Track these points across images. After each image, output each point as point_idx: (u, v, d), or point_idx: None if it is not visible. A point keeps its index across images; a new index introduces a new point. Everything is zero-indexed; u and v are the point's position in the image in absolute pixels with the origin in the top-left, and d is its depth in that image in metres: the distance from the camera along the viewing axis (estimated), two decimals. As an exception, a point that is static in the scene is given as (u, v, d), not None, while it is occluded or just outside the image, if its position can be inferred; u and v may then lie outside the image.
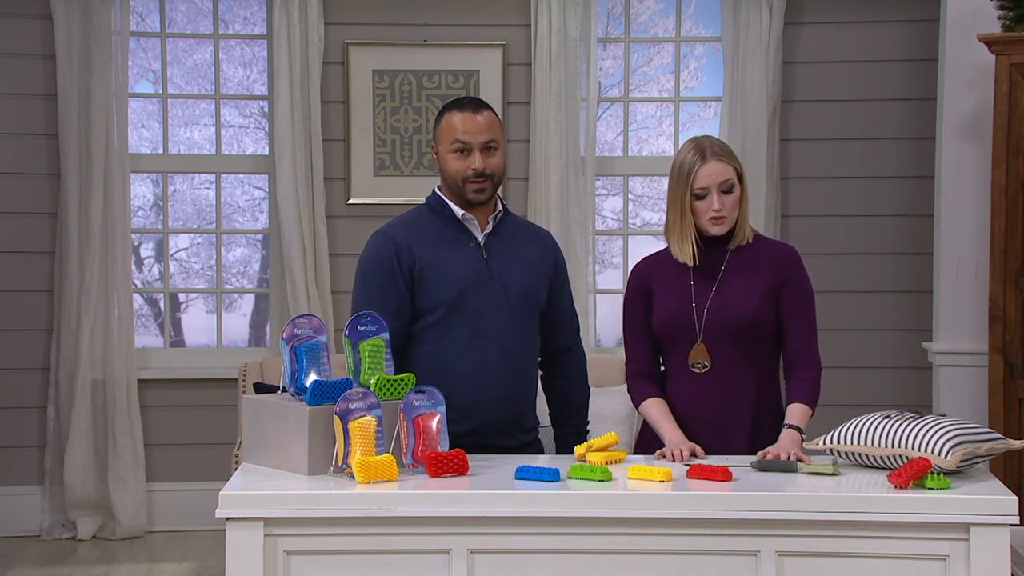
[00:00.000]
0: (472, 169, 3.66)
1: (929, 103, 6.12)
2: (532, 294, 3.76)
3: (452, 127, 3.67)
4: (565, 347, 3.91)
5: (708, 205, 3.59)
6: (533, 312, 3.78)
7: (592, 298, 6.33)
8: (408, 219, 3.79)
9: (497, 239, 3.76)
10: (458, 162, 3.67)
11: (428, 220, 3.75)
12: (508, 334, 3.70)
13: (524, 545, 3.16)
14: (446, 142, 3.68)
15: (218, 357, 6.43)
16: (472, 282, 3.68)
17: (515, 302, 3.72)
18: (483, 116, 3.68)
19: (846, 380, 6.20)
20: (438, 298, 3.67)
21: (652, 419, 3.63)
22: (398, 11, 6.30)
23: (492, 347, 3.68)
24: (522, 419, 3.78)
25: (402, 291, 3.68)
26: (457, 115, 3.68)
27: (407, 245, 3.69)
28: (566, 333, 3.90)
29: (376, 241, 3.75)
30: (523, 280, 3.74)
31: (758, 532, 3.13)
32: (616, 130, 6.58)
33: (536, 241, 3.85)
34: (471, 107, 3.69)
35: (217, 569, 5.59)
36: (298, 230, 6.15)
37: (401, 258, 3.68)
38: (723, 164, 3.59)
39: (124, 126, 6.17)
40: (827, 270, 6.20)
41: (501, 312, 3.70)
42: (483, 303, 3.69)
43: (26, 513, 6.19)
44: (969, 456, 3.27)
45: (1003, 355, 5.22)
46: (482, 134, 3.67)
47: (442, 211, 3.75)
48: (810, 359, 3.65)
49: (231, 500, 3.15)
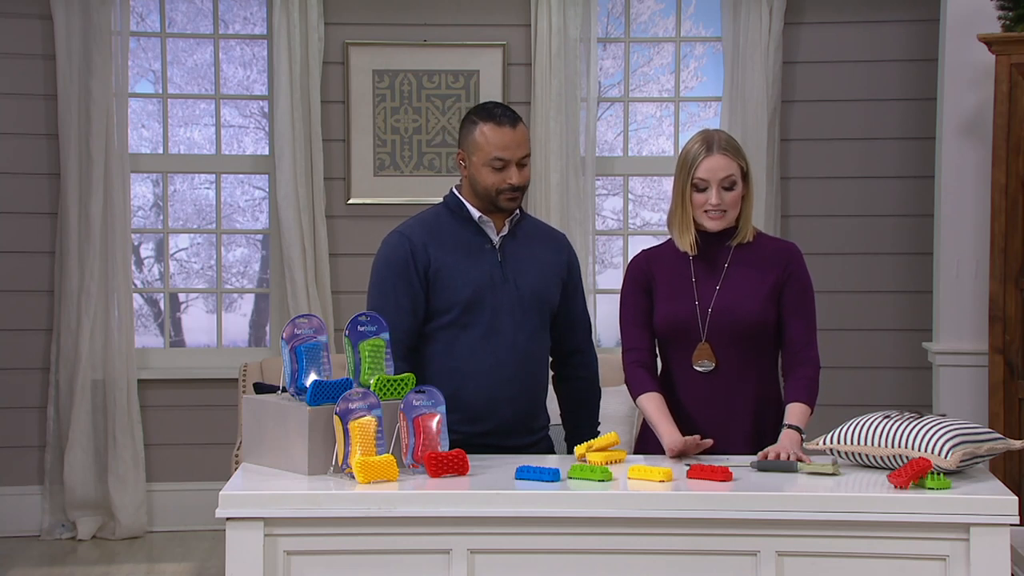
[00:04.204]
0: (509, 183, 3.67)
1: (929, 103, 6.12)
2: (545, 296, 3.77)
3: (490, 143, 3.65)
4: (577, 348, 3.92)
5: (706, 199, 3.59)
6: (545, 314, 3.79)
7: (592, 298, 6.33)
8: (425, 219, 3.79)
9: (513, 241, 3.77)
10: (494, 176, 3.67)
11: (445, 221, 3.76)
12: (521, 335, 3.71)
13: (524, 545, 3.16)
14: (482, 155, 3.66)
15: (218, 357, 6.42)
16: (486, 284, 3.69)
17: (528, 304, 3.73)
18: (519, 131, 3.68)
19: (846, 380, 6.20)
20: (452, 299, 3.68)
21: (649, 415, 3.62)
22: (398, 11, 6.29)
23: (505, 348, 3.69)
24: (533, 419, 3.79)
25: (416, 291, 3.68)
26: (495, 130, 3.65)
27: (423, 245, 3.69)
28: (579, 335, 3.91)
29: (392, 241, 3.75)
30: (537, 282, 3.75)
31: (758, 532, 3.13)
32: (616, 130, 6.58)
33: (551, 243, 3.87)
34: (508, 121, 3.67)
35: (217, 569, 5.59)
36: (298, 230, 6.15)
37: (416, 258, 3.68)
38: (727, 160, 3.58)
39: (124, 126, 6.16)
40: (827, 270, 6.19)
41: (515, 314, 3.71)
42: (497, 304, 3.69)
43: (26, 513, 6.19)
44: (969, 456, 3.27)
45: (1003, 355, 5.22)
46: (519, 149, 3.67)
47: (460, 212, 3.75)
48: (809, 357, 3.65)
49: (231, 500, 3.15)
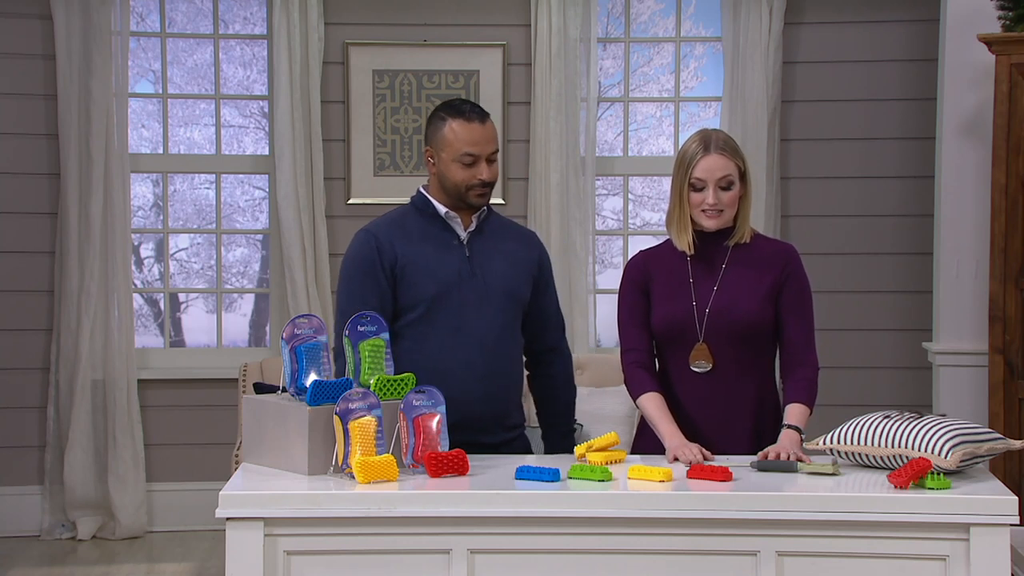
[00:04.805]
0: (479, 179, 3.68)
1: (929, 103, 6.12)
2: (514, 291, 3.77)
3: (460, 139, 3.67)
4: (551, 347, 3.92)
5: (703, 198, 3.59)
6: (516, 310, 3.78)
7: (592, 298, 6.33)
8: (392, 217, 3.81)
9: (481, 237, 3.77)
10: (464, 171, 3.68)
11: (412, 218, 3.77)
12: (490, 331, 3.71)
13: (524, 545, 3.16)
14: (452, 152, 3.67)
15: (218, 357, 6.42)
16: (454, 279, 3.69)
17: (497, 299, 3.73)
18: (488, 127, 3.70)
19: (846, 380, 6.20)
20: (420, 295, 3.68)
21: (649, 416, 3.62)
22: (398, 11, 6.29)
23: (474, 344, 3.69)
24: (505, 417, 3.78)
25: (383, 288, 3.69)
26: (465, 126, 3.67)
27: (389, 242, 3.70)
28: (552, 333, 3.91)
29: (358, 239, 3.77)
30: (505, 277, 3.75)
31: (758, 532, 3.13)
32: (616, 130, 6.58)
33: (520, 240, 3.86)
34: (477, 117, 3.69)
35: (217, 569, 5.59)
36: (298, 230, 6.15)
37: (383, 255, 3.69)
38: (725, 159, 3.59)
39: (124, 126, 6.16)
40: (827, 270, 6.20)
41: (483, 309, 3.71)
42: (465, 300, 3.69)
43: (26, 513, 6.19)
44: (969, 456, 3.27)
45: (1003, 355, 5.22)
46: (488, 145, 3.69)
47: (426, 210, 3.76)
48: (808, 359, 3.65)
49: (231, 500, 3.15)
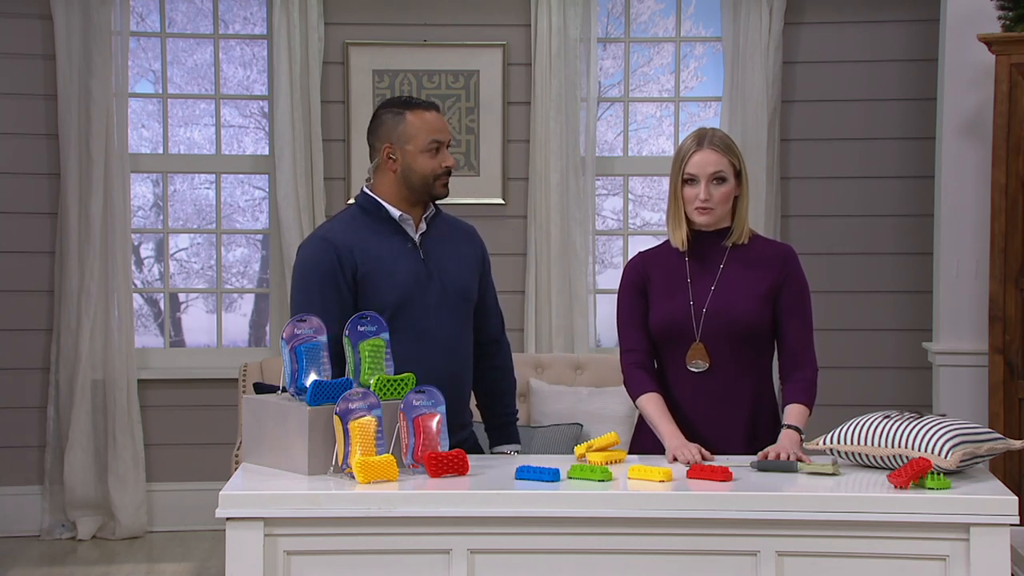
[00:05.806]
0: (445, 166, 3.71)
1: (929, 103, 6.12)
2: (468, 291, 3.79)
3: (424, 127, 3.68)
4: (493, 339, 3.94)
5: (695, 192, 3.60)
6: (469, 309, 3.81)
7: (592, 298, 6.33)
8: (344, 221, 3.75)
9: (431, 238, 3.77)
10: (431, 160, 3.69)
11: (364, 223, 3.72)
12: (451, 335, 3.72)
13: (524, 545, 3.16)
14: (418, 142, 3.68)
15: (218, 357, 6.42)
16: (413, 283, 3.68)
17: (453, 301, 3.74)
18: (440, 114, 3.75)
19: (846, 380, 6.20)
20: (381, 302, 3.64)
21: (649, 416, 3.62)
22: (398, 11, 6.29)
23: (437, 349, 3.68)
24: (458, 415, 3.76)
25: (345, 297, 3.64)
26: (422, 115, 3.70)
27: (348, 250, 3.65)
28: (494, 324, 3.94)
29: (315, 246, 3.69)
30: (460, 278, 3.77)
31: (758, 532, 3.13)
32: (616, 130, 6.58)
33: (465, 236, 3.87)
34: (431, 106, 3.74)
35: (217, 569, 5.59)
36: (298, 230, 6.15)
37: (343, 264, 3.64)
38: (717, 155, 3.60)
39: (124, 126, 6.16)
40: (827, 270, 6.20)
41: (442, 311, 3.71)
42: (425, 304, 3.69)
43: (26, 513, 6.19)
44: (969, 456, 3.27)
45: (1003, 355, 5.22)
46: (447, 131, 3.74)
47: (377, 213, 3.73)
48: (807, 359, 3.65)
49: (231, 500, 3.15)
